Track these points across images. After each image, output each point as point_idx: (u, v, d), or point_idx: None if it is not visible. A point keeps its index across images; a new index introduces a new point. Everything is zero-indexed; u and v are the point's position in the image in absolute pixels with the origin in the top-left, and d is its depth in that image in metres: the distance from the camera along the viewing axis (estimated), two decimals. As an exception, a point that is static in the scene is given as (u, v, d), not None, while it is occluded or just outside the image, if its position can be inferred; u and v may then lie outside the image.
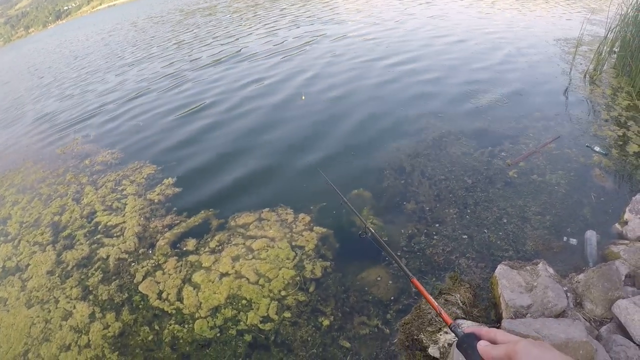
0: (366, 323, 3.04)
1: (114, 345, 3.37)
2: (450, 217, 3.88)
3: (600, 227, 3.46)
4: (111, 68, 15.28)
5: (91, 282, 4.11)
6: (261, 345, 3.05)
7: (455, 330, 1.08)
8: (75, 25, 53.74)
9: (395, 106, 6.33)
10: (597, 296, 2.68)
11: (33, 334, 3.72)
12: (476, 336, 0.92)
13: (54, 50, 31.01)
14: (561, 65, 6.95)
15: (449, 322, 1.19)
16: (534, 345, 0.77)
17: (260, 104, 7.52)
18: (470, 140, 5.00)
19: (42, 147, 8.54)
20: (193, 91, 9.34)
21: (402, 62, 8.29)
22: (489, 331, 0.91)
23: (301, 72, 8.80)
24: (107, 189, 5.69)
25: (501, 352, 0.82)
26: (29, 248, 4.94)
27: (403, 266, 1.66)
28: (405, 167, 4.70)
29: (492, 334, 0.90)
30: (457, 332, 1.03)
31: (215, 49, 13.31)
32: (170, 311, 3.52)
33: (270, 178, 5.10)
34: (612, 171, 4.12)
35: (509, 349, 0.80)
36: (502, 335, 0.87)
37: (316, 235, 3.96)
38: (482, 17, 11.36)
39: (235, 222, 4.36)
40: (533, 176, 4.19)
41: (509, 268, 3.01)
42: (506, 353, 0.81)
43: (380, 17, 13.30)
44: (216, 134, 6.68)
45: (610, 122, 4.96)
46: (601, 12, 10.09)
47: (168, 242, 4.33)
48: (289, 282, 3.50)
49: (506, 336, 0.86)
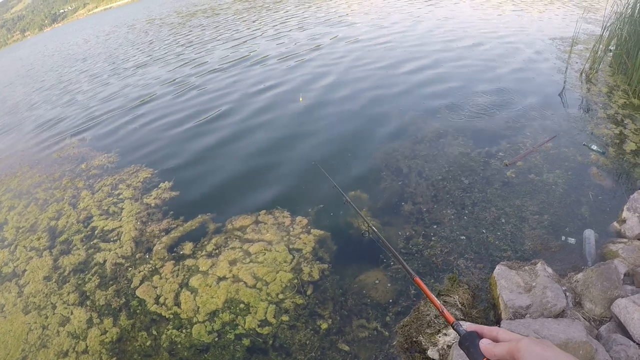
0: (365, 326, 3.02)
1: (112, 351, 3.35)
2: (448, 217, 3.87)
3: (598, 226, 3.46)
4: (107, 72, 15.25)
5: (88, 287, 4.08)
6: (259, 349, 3.03)
7: (458, 328, 1.07)
8: (72, 28, 53.63)
9: (391, 103, 6.33)
10: (596, 295, 2.68)
11: (30, 340, 3.69)
12: (478, 334, 0.93)
13: (51, 54, 30.94)
14: (557, 63, 6.96)
15: (451, 320, 1.18)
16: (536, 343, 0.78)
17: (256, 107, 7.51)
18: (467, 140, 4.99)
19: (38, 151, 8.51)
20: (189, 97, 9.33)
21: (399, 57, 8.29)
22: (490, 329, 0.91)
23: (313, 77, 8.75)
24: (104, 193, 5.67)
25: (503, 350, 0.82)
26: (26, 253, 4.91)
27: (406, 265, 1.63)
28: (402, 168, 4.69)
29: (494, 332, 0.90)
30: (459, 331, 1.03)
31: (217, 53, 13.27)
32: (167, 316, 3.49)
33: (267, 181, 5.08)
34: (610, 169, 4.12)
35: (511, 347, 0.81)
36: (504, 334, 0.88)
37: (314, 237, 3.95)
38: (477, 16, 11.37)
39: (232, 225, 4.34)
40: (530, 176, 4.19)
41: (507, 268, 3.00)
42: (508, 351, 0.81)
43: (383, 18, 13.31)
44: (212, 138, 6.65)
45: (607, 121, 4.96)
46: (596, 10, 10.11)
47: (165, 247, 4.31)
48: (287, 285, 3.48)
49: (508, 334, 0.87)
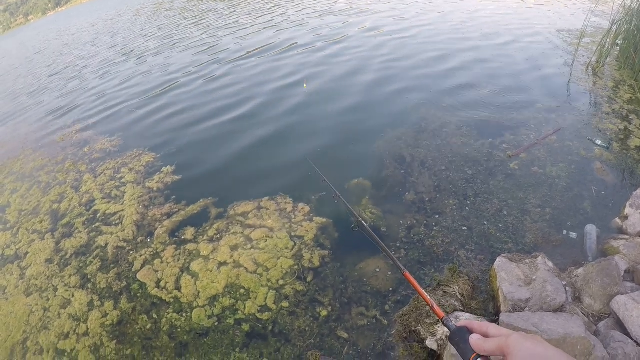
0: (364, 314, 3.04)
1: (112, 334, 3.38)
2: (450, 208, 3.86)
3: (600, 222, 3.45)
4: (110, 58, 15.17)
5: (90, 271, 4.11)
6: (259, 335, 3.06)
7: (448, 323, 1.08)
8: (75, 12, 53.21)
9: (394, 93, 6.30)
10: (596, 291, 2.68)
11: (32, 322, 3.73)
12: (468, 330, 0.93)
13: (55, 37, 30.72)
14: (564, 56, 6.89)
15: (441, 315, 1.20)
16: (525, 338, 0.78)
17: (260, 91, 7.47)
18: (471, 131, 4.97)
19: (41, 135, 8.49)
20: (196, 86, 9.28)
21: (402, 49, 8.22)
22: (481, 325, 0.92)
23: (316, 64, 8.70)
24: (106, 177, 5.67)
25: (493, 345, 0.83)
26: (28, 236, 4.94)
27: (395, 260, 1.65)
28: (405, 157, 4.68)
29: (484, 327, 0.90)
30: (449, 326, 1.03)
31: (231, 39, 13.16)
32: (168, 300, 3.52)
33: (269, 167, 5.08)
34: (613, 165, 4.10)
35: (501, 342, 0.81)
36: (494, 329, 0.88)
37: (315, 225, 3.95)
38: (483, 7, 11.24)
39: (235, 211, 4.35)
40: (534, 168, 4.17)
41: (508, 261, 3.00)
42: (498, 346, 0.81)
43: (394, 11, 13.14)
44: (215, 123, 6.63)
45: (612, 115, 4.93)
46: (604, 3, 9.99)
47: (167, 231, 4.32)
48: (288, 271, 3.50)
49: (498, 329, 0.87)
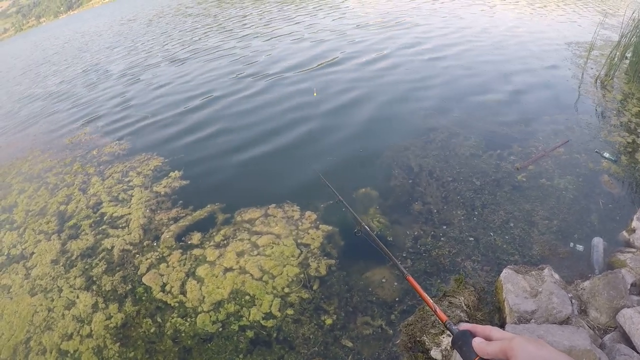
0: (369, 323, 3.03)
1: (116, 336, 3.38)
2: (458, 219, 3.85)
3: (607, 235, 3.44)
4: (117, 60, 15.31)
5: (95, 273, 4.12)
6: (263, 342, 3.05)
7: (450, 327, 1.08)
8: (87, 15, 53.86)
9: (401, 105, 6.31)
10: (602, 304, 2.66)
11: (35, 322, 3.74)
12: (471, 333, 0.93)
13: (70, 39, 31.05)
14: (572, 69, 6.89)
15: (444, 319, 1.20)
16: (529, 341, 0.78)
17: (267, 99, 7.51)
18: (479, 142, 4.96)
19: (50, 136, 8.58)
20: (194, 83, 9.34)
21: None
22: (484, 328, 0.91)
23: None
24: (114, 180, 5.71)
25: (496, 348, 0.82)
26: (34, 236, 4.97)
27: (398, 264, 1.65)
28: (412, 167, 4.68)
29: (487, 330, 0.90)
30: (452, 329, 1.03)
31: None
32: (173, 304, 3.52)
33: (277, 174, 5.09)
34: (621, 178, 4.08)
35: (504, 346, 0.80)
36: (497, 332, 0.88)
37: (322, 233, 3.95)
38: (493, 17, 11.26)
39: (241, 217, 4.36)
40: (541, 180, 4.16)
41: (514, 272, 2.99)
42: (501, 349, 0.81)
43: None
44: (224, 128, 6.67)
45: (620, 128, 4.91)
46: (614, 16, 9.99)
47: (173, 235, 4.34)
48: (293, 279, 3.50)
49: (501, 333, 0.87)
